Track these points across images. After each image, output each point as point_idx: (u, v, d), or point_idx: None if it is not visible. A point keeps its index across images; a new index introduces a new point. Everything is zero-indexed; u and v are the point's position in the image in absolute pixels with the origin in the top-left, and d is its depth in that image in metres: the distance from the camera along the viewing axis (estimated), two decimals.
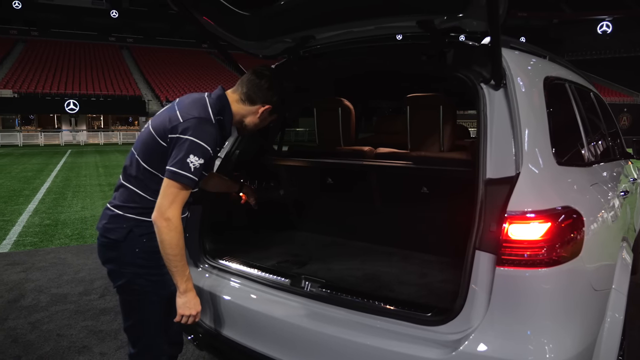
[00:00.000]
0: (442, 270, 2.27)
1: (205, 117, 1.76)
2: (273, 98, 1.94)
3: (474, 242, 1.57)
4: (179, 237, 1.71)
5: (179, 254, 1.72)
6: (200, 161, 1.70)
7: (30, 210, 8.23)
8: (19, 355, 3.10)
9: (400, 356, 1.63)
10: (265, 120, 2.00)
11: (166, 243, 1.70)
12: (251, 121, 1.97)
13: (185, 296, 1.78)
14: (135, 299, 1.83)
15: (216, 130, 1.78)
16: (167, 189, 1.70)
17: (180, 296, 1.78)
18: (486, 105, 1.77)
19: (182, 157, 1.68)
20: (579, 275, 1.62)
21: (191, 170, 1.69)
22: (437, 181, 2.45)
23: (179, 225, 1.71)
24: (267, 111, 1.96)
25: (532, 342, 1.48)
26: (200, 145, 1.70)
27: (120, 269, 1.81)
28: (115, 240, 1.78)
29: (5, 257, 5.41)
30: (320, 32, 2.29)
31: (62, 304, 3.96)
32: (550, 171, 1.75)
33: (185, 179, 1.69)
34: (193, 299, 1.80)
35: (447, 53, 1.99)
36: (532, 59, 2.19)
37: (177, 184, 1.70)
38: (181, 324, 2.17)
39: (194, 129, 1.71)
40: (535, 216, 1.52)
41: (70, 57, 46.15)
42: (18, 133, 32.79)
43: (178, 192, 1.71)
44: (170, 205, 1.70)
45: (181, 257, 1.73)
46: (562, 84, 2.35)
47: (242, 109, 1.93)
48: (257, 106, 1.93)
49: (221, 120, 1.85)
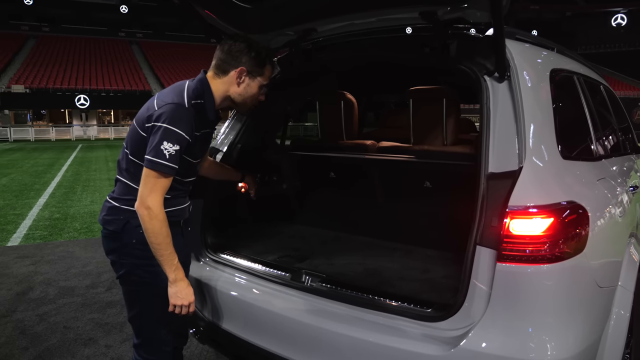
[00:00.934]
0: (444, 266, 2.25)
1: (179, 102, 1.73)
2: (242, 59, 1.83)
3: (474, 237, 1.55)
4: (160, 226, 1.69)
5: (162, 242, 1.70)
6: (175, 147, 1.68)
7: (40, 204, 8.32)
8: (27, 346, 3.14)
9: (400, 352, 1.61)
10: (251, 87, 1.88)
11: (149, 231, 1.69)
12: (235, 93, 1.87)
13: (176, 285, 1.76)
14: (136, 289, 1.83)
15: (191, 115, 1.73)
16: (146, 178, 1.70)
17: (170, 285, 1.76)
18: (489, 98, 1.74)
19: (156, 145, 1.67)
20: (583, 272, 1.59)
21: (166, 158, 1.67)
22: (440, 175, 2.42)
23: (159, 214, 1.70)
24: (246, 75, 1.85)
25: (534, 339, 1.46)
26: (173, 131, 1.67)
27: (120, 260, 1.82)
28: (114, 231, 1.79)
29: (15, 250, 5.47)
30: (322, 24, 2.26)
31: (69, 296, 4.00)
32: (555, 165, 1.71)
33: (161, 167, 1.67)
34: (184, 289, 1.78)
35: (450, 45, 1.95)
36: (538, 51, 2.14)
37: (154, 172, 1.69)
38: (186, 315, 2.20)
39: (167, 115, 1.69)
40: (537, 211, 1.49)
41: (81, 53, 46.46)
42: (30, 128, 33.08)
43: (156, 180, 1.69)
44: (149, 194, 1.69)
45: (166, 246, 1.71)
46: (570, 76, 2.30)
47: (219, 84, 1.85)
48: (230, 74, 1.84)
49: (201, 104, 1.80)
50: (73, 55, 45.59)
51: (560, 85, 2.09)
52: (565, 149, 1.82)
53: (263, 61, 1.87)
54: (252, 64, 1.85)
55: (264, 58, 1.87)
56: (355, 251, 2.52)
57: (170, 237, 1.73)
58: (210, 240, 2.41)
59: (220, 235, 2.49)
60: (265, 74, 1.91)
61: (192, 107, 1.76)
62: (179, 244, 1.91)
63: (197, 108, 1.78)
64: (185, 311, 1.79)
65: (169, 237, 1.72)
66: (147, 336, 1.90)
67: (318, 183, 3.08)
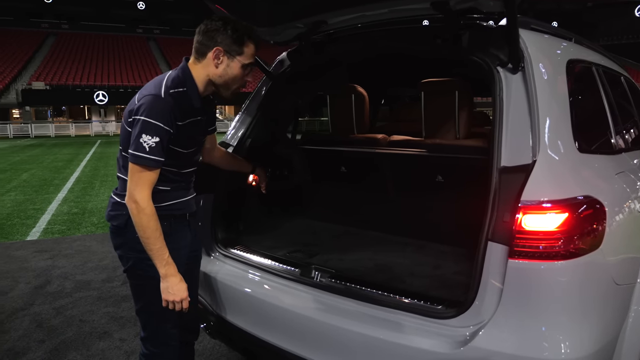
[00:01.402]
0: (457, 262, 2.21)
1: (156, 93, 1.70)
2: (218, 38, 1.74)
3: (486, 233, 1.51)
4: (148, 220, 1.67)
5: (151, 236, 1.68)
6: (155, 139, 1.64)
7: (59, 199, 8.46)
8: (43, 339, 3.19)
9: (409, 350, 1.58)
10: (231, 68, 1.78)
11: (137, 225, 1.68)
12: (215, 75, 1.78)
13: (167, 281, 1.73)
14: (141, 283, 1.83)
15: (168, 105, 1.69)
16: (131, 172, 1.68)
17: (161, 281, 1.74)
18: (502, 89, 1.69)
19: (136, 138, 1.65)
20: (599, 269, 1.54)
21: (146, 150, 1.64)
22: (452, 169, 2.37)
23: (146, 207, 1.67)
24: (224, 55, 1.76)
25: (547, 338, 1.42)
26: (151, 123, 1.64)
27: (126, 255, 1.83)
28: (118, 226, 1.80)
29: (34, 244, 5.57)
30: (332, 16, 2.23)
31: (85, 290, 4.06)
32: (571, 159, 1.66)
33: (143, 160, 1.65)
34: (176, 285, 1.74)
35: (463, 36, 1.90)
36: (554, 41, 2.08)
37: (137, 166, 1.67)
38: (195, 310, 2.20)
39: (144, 107, 1.66)
40: (551, 206, 1.44)
41: (99, 49, 47.06)
42: (50, 124, 33.72)
43: (140, 174, 1.67)
44: (135, 188, 1.67)
45: (154, 240, 1.69)
46: (588, 67, 2.23)
47: (199, 69, 1.79)
48: (208, 56, 1.76)
49: (183, 92, 1.75)
50: (92, 51, 46.21)
51: (577, 77, 2.02)
52: (582, 142, 1.76)
53: (241, 39, 1.76)
54: (229, 43, 1.75)
55: (241, 35, 1.76)
56: (366, 246, 2.50)
57: (160, 232, 1.71)
58: (221, 235, 2.40)
59: (230, 230, 2.49)
60: (246, 53, 1.79)
61: (171, 97, 1.71)
62: (185, 237, 1.92)
63: (177, 97, 1.73)
64: (178, 307, 1.76)
65: (158, 231, 1.70)
66: (153, 330, 1.91)
67: (329, 177, 3.05)
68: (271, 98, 2.59)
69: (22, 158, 16.09)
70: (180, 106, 1.74)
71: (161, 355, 1.91)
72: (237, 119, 2.62)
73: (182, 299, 1.76)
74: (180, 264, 1.88)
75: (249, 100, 2.64)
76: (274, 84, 2.58)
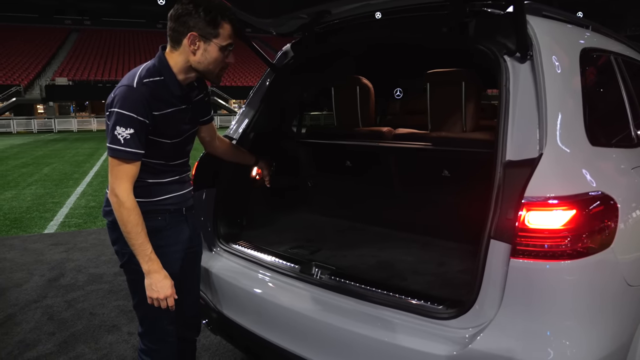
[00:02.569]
0: (462, 259, 2.13)
1: (128, 84, 1.65)
2: (190, 23, 1.66)
3: (488, 231, 1.43)
4: (128, 214, 1.63)
5: (132, 231, 1.64)
6: (129, 131, 1.60)
7: (78, 192, 8.59)
8: (53, 332, 3.22)
9: (406, 351, 1.52)
10: (209, 52, 1.70)
11: (119, 220, 1.65)
12: (195, 62, 1.71)
13: (150, 277, 1.68)
14: (135, 278, 1.81)
15: (141, 95, 1.63)
16: (110, 166, 1.65)
17: (145, 277, 1.69)
18: (509, 79, 1.60)
19: (111, 131, 1.61)
20: (610, 269, 1.45)
21: (121, 143, 1.60)
22: (459, 164, 2.29)
23: (126, 201, 1.63)
24: (199, 40, 1.67)
25: (552, 343, 1.34)
26: (124, 114, 1.60)
27: (121, 250, 1.81)
28: (113, 221, 1.77)
29: (50, 237, 5.66)
30: (335, 5, 2.16)
31: (97, 283, 4.10)
32: (581, 152, 1.57)
33: (119, 153, 1.61)
34: (160, 281, 1.68)
35: (469, 24, 1.82)
36: (567, 29, 1.97)
37: (114, 159, 1.63)
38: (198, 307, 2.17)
39: (117, 99, 1.62)
40: (558, 202, 1.36)
41: (121, 45, 47.72)
42: (73, 119, 34.38)
43: (119, 167, 1.63)
44: (115, 181, 1.64)
45: (136, 235, 1.65)
46: (605, 56, 2.12)
47: (176, 57, 1.71)
48: (183, 43, 1.68)
49: (160, 81, 1.70)
50: (113, 47, 46.89)
51: (592, 66, 1.92)
52: (595, 134, 1.66)
53: (214, 20, 1.67)
54: (203, 26, 1.66)
55: (215, 16, 1.67)
56: (370, 242, 2.43)
57: (142, 227, 1.66)
58: (223, 230, 2.37)
59: (232, 225, 2.45)
60: (222, 34, 1.70)
61: (145, 86, 1.66)
62: (182, 233, 1.89)
63: (153, 86, 1.68)
64: (164, 305, 1.71)
65: (139, 226, 1.66)
66: (149, 325, 1.89)
67: (334, 171, 2.99)
68: (275, 91, 2.53)
69: (45, 152, 16.43)
70: (156, 96, 1.68)
71: (158, 351, 1.89)
72: (240, 112, 2.58)
73: (167, 296, 1.70)
74: (177, 259, 1.85)
75: (252, 93, 2.59)
76: (278, 76, 2.53)
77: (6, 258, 4.82)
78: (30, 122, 31.89)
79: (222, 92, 39.71)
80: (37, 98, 36.32)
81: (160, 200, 1.79)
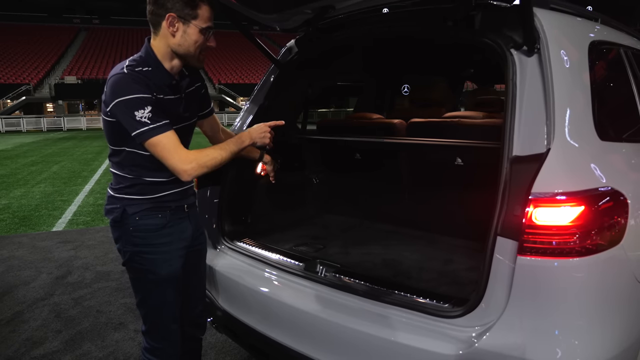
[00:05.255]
0: (470, 257, 2.10)
1: (119, 72, 1.62)
2: (167, 5, 1.62)
3: (495, 227, 1.40)
4: (205, 161, 1.64)
5: (219, 157, 1.68)
6: (147, 109, 1.56)
7: (86, 190, 8.64)
8: (60, 329, 3.23)
9: (412, 350, 1.50)
10: (189, 34, 1.66)
11: (210, 168, 1.66)
12: (175, 44, 1.67)
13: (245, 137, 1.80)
14: (137, 276, 1.80)
15: (135, 77, 1.60)
16: (157, 152, 1.60)
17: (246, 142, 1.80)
18: (516, 73, 1.57)
19: (130, 121, 1.57)
20: (619, 266, 1.41)
21: (148, 123, 1.56)
22: (472, 150, 2.22)
23: (193, 161, 1.61)
24: (178, 21, 1.64)
25: (560, 342, 1.31)
26: (131, 99, 1.56)
27: (123, 248, 1.80)
28: (114, 220, 1.76)
29: (59, 235, 5.69)
30: (339, 0, 2.13)
31: (104, 281, 4.11)
32: (590, 147, 1.53)
33: (154, 131, 1.57)
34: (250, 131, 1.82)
35: (475, 17, 1.78)
36: (576, 22, 1.93)
37: (153, 140, 1.58)
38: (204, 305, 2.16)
39: (115, 90, 1.58)
40: (566, 198, 1.33)
41: (129, 43, 47.92)
42: (82, 117, 34.59)
43: (164, 144, 1.59)
44: (172, 160, 1.60)
45: (224, 155, 1.70)
46: (615, 49, 2.07)
47: (158, 43, 1.68)
48: (162, 26, 1.65)
49: (147, 72, 1.66)
50: (121, 45, 47.11)
51: (601, 59, 1.88)
52: (605, 129, 1.63)
53: (192, 1, 1.63)
54: (180, 7, 1.63)
55: None
56: (377, 240, 2.41)
57: (219, 149, 1.70)
58: (228, 227, 2.36)
59: (237, 222, 2.44)
60: (201, 15, 1.66)
61: (135, 72, 1.63)
62: (184, 230, 1.87)
63: (142, 76, 1.64)
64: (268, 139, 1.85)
65: (217, 151, 1.69)
66: (152, 323, 1.88)
67: (341, 167, 2.96)
68: (279, 87, 2.51)
69: (54, 150, 16.55)
70: (148, 83, 1.64)
71: (162, 349, 1.88)
72: (244, 108, 2.57)
73: (264, 131, 1.83)
74: (179, 257, 1.84)
75: (257, 89, 2.57)
76: (282, 72, 2.51)
77: (15, 256, 4.85)
78: (40, 120, 32.18)
79: (229, 89, 39.78)
80: (47, 97, 36.62)
81: (160, 197, 1.77)
